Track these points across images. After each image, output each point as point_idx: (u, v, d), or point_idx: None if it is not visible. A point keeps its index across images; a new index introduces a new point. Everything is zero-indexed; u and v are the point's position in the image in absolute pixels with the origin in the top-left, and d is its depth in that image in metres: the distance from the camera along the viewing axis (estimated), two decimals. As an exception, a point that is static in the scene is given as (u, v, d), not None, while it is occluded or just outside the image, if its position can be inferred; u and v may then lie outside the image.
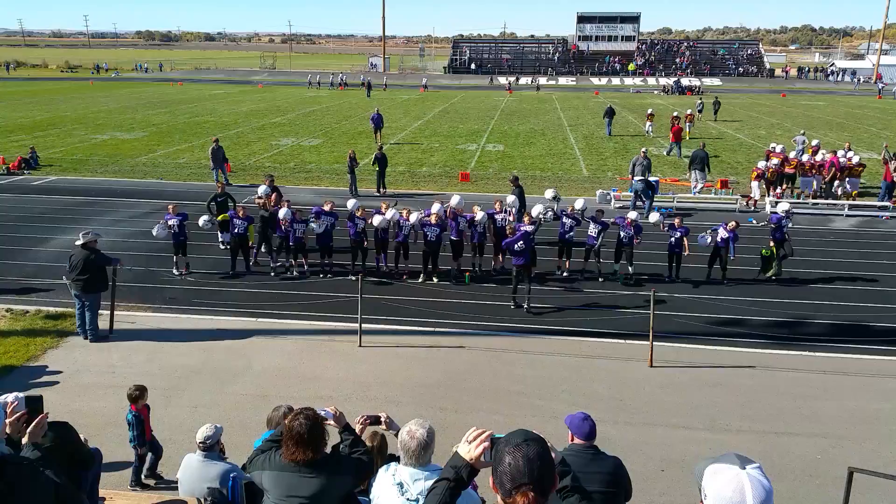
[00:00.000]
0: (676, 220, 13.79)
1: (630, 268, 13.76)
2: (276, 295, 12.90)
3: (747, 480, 2.15)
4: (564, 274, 14.10)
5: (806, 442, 8.25)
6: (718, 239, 13.58)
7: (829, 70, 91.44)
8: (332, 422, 4.06)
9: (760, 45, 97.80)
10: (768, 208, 19.48)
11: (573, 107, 50.69)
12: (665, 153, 29.20)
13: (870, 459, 7.69)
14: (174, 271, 13.90)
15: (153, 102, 50.71)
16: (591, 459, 4.60)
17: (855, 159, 21.74)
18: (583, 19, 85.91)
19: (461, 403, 9.08)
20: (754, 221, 18.62)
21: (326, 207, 13.90)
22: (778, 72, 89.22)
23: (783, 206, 15.05)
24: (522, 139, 34.22)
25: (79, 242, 10.77)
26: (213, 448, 5.46)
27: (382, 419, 4.44)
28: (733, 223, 13.64)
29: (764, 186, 20.97)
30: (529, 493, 2.23)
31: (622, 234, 13.61)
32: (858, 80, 78.10)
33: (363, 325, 10.79)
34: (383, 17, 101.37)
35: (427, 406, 8.88)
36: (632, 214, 13.84)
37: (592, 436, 4.69)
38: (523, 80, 75.38)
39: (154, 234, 13.46)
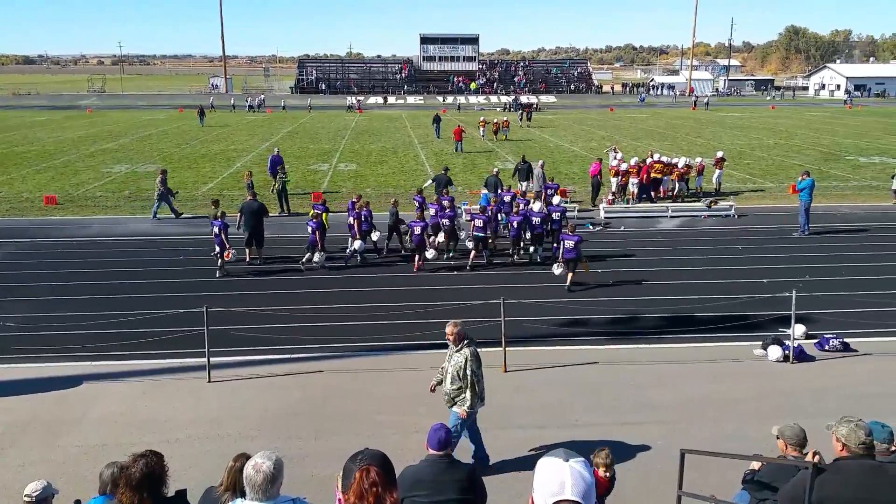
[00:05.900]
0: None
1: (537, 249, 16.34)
2: (111, 335, 11.88)
3: (568, 473, 2.26)
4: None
5: (648, 429, 8.86)
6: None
7: (649, 85, 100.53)
8: None
9: (589, 64, 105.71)
10: (602, 214, 21.07)
11: (422, 125, 51.66)
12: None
13: (703, 439, 8.41)
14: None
15: (-41, 131, 45.32)
16: (446, 468, 4.84)
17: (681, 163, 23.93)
18: (425, 40, 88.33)
19: (321, 430, 8.85)
20: (591, 227, 19.95)
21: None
22: (605, 88, 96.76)
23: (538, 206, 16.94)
24: (374, 157, 34.37)
25: None
26: None
27: None
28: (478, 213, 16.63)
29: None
30: (371, 468, 2.66)
31: (534, 220, 16.19)
32: (674, 93, 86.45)
33: (211, 360, 10.23)
34: (222, 36, 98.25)
35: (284, 436, 8.57)
36: (536, 205, 16.60)
37: (446, 444, 4.91)
38: (372, 100, 75.96)
39: (316, 260, 15.59)
